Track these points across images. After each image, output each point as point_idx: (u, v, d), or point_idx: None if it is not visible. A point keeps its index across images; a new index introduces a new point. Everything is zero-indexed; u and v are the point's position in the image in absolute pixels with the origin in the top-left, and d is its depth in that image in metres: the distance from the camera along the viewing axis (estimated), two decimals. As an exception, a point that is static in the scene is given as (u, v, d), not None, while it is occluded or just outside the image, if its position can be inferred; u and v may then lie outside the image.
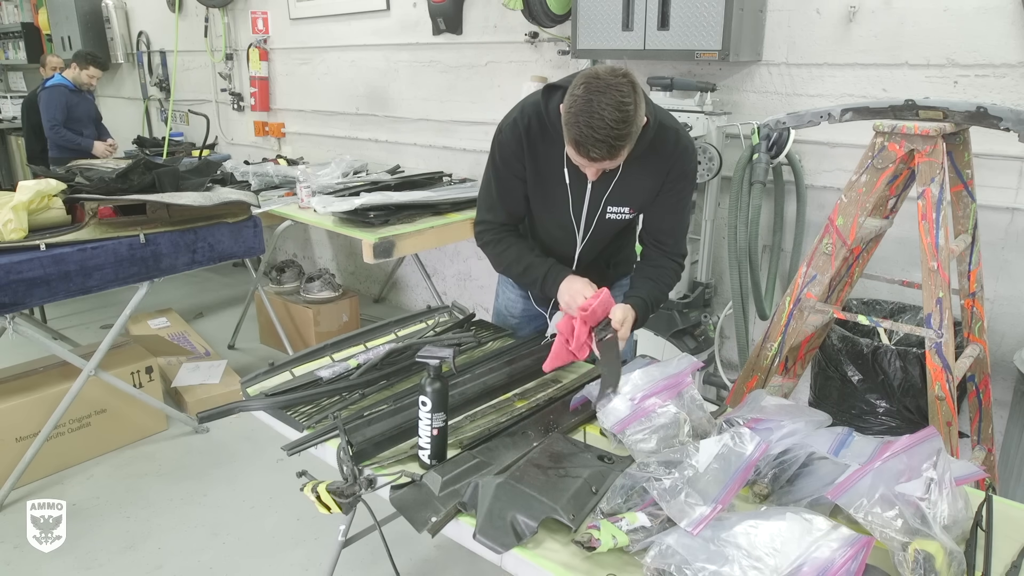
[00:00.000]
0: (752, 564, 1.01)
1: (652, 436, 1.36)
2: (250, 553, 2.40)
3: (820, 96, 2.67)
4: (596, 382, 1.56)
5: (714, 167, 2.66)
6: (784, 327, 2.09)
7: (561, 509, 1.19)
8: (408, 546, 2.39)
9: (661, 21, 2.66)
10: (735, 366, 3.01)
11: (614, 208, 1.73)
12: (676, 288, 2.88)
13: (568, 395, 1.65)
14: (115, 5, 5.85)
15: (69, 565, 2.34)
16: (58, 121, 4.74)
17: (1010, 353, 2.43)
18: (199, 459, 2.96)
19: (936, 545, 1.05)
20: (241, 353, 4.02)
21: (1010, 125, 1.77)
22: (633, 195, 1.71)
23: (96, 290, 2.63)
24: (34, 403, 2.75)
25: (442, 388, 1.37)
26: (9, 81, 7.82)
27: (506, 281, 2.12)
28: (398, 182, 3.52)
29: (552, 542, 1.20)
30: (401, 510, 1.29)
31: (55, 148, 4.84)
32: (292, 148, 4.96)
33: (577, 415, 1.59)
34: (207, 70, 5.38)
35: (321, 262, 5.20)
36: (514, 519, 1.19)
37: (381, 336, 2.01)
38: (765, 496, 1.28)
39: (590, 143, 1.43)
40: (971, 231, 2.08)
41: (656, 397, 1.40)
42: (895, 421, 2.16)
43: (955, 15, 2.34)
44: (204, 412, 1.58)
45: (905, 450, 1.17)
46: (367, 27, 4.17)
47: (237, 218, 2.95)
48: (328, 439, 1.48)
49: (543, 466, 1.33)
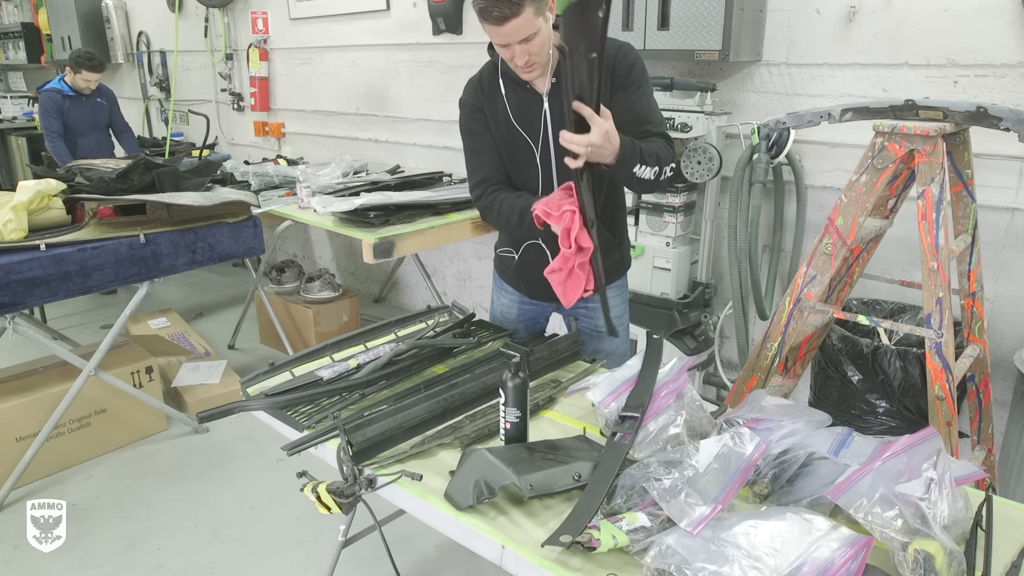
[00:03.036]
0: (752, 564, 1.01)
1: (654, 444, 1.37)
2: (250, 553, 2.40)
3: (820, 96, 2.67)
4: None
5: (714, 167, 2.66)
6: (784, 327, 2.09)
7: (520, 479, 1.24)
8: (408, 546, 2.39)
9: (661, 21, 2.66)
10: (735, 366, 3.01)
11: None
12: (676, 288, 2.91)
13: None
14: (115, 5, 5.85)
15: (69, 565, 2.34)
16: (51, 129, 4.48)
17: (1010, 353, 2.43)
18: (199, 459, 2.96)
19: (936, 545, 1.05)
20: (241, 353, 4.02)
21: (1010, 125, 1.77)
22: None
23: (96, 290, 2.63)
24: (34, 403, 2.75)
25: (518, 384, 1.40)
26: (9, 81, 7.82)
27: (500, 286, 2.12)
28: (398, 182, 3.52)
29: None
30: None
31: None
32: (292, 148, 4.96)
33: None
34: (207, 70, 5.38)
35: (321, 262, 5.20)
36: (478, 483, 1.26)
37: (381, 336, 2.01)
38: (765, 496, 1.28)
39: (489, 3, 1.50)
40: (971, 231, 2.08)
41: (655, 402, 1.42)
42: (895, 421, 2.16)
43: (955, 15, 2.34)
44: (204, 412, 1.58)
45: (905, 450, 1.17)
46: (367, 27, 4.17)
47: (237, 218, 2.95)
48: (328, 439, 1.48)
49: (536, 449, 1.38)
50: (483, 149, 1.86)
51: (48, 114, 4.48)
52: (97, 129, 4.74)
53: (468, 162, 1.90)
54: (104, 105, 4.76)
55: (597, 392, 1.50)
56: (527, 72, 1.67)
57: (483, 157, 1.86)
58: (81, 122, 4.62)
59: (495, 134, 1.82)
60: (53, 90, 4.51)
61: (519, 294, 2.07)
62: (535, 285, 1.97)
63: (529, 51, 1.61)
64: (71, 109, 4.56)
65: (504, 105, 1.78)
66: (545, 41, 1.62)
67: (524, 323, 2.10)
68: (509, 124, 1.79)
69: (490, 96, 1.80)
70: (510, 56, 1.63)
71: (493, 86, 1.80)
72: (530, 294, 2.04)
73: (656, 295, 2.95)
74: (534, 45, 1.59)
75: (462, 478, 1.30)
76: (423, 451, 1.47)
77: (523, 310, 2.08)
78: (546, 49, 1.65)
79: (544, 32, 1.60)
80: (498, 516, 1.27)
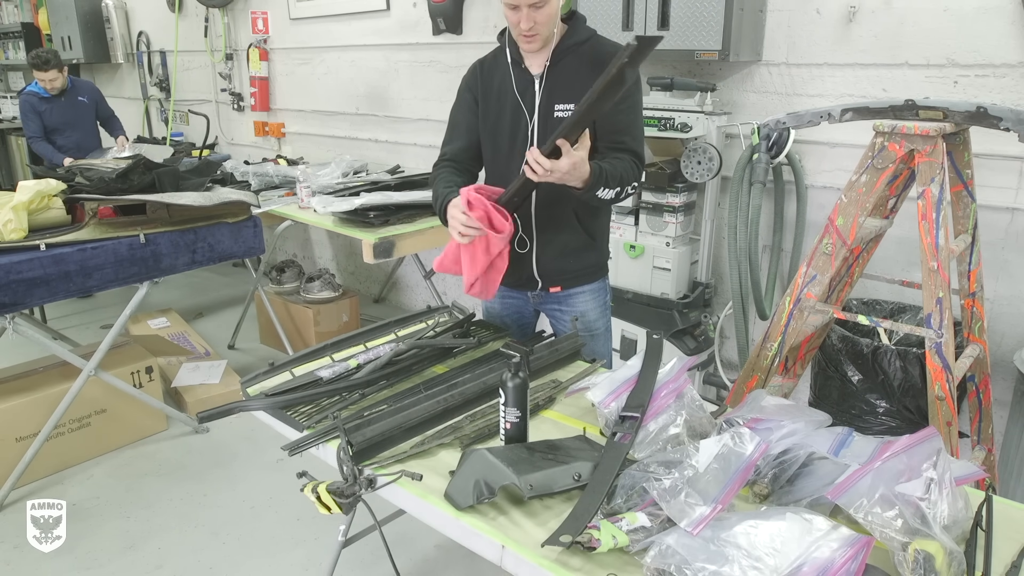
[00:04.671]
0: (752, 564, 1.01)
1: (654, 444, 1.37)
2: (250, 553, 2.40)
3: (820, 96, 2.67)
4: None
5: (714, 167, 2.66)
6: (784, 327, 2.09)
7: (520, 480, 1.24)
8: (408, 546, 2.39)
9: (661, 21, 2.66)
10: (735, 366, 3.01)
11: (561, 106, 1.80)
12: (676, 288, 2.91)
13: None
14: (115, 5, 5.85)
15: (69, 565, 2.34)
16: (31, 132, 4.48)
17: (1010, 353, 2.43)
18: (199, 459, 2.96)
19: (936, 545, 1.05)
20: (241, 353, 4.02)
21: (1010, 125, 1.77)
22: (576, 92, 1.74)
23: (96, 290, 2.63)
24: (34, 403, 2.75)
25: (518, 384, 1.41)
26: (9, 81, 7.82)
27: None
28: (398, 182, 3.52)
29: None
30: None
31: None
32: (292, 148, 4.96)
33: None
34: (207, 70, 5.38)
35: (321, 262, 5.20)
36: (478, 483, 1.26)
37: (381, 336, 2.00)
38: (765, 496, 1.28)
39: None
40: (971, 231, 2.08)
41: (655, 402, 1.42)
42: (895, 421, 2.16)
43: (955, 15, 2.34)
44: (204, 412, 1.58)
45: (905, 450, 1.17)
46: (367, 27, 4.17)
47: (237, 218, 2.95)
48: (328, 439, 1.48)
49: (536, 449, 1.38)
50: (457, 126, 1.95)
51: (26, 117, 4.51)
52: (80, 128, 4.70)
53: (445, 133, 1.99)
54: (87, 103, 4.72)
55: (597, 392, 1.50)
56: (527, 41, 1.74)
57: (454, 133, 1.96)
58: (62, 122, 4.59)
59: (486, 106, 1.89)
60: (29, 93, 4.51)
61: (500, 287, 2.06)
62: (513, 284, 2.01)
63: (535, 19, 1.68)
64: (51, 110, 4.54)
65: (507, 78, 1.85)
66: (552, 15, 1.71)
67: (511, 316, 2.10)
68: (504, 96, 1.85)
69: (489, 72, 1.89)
70: (516, 20, 1.70)
71: (495, 63, 1.89)
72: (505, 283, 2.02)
73: (656, 295, 2.95)
74: (541, 14, 1.68)
75: (462, 478, 1.30)
76: (423, 451, 1.46)
77: (505, 303, 2.08)
78: (551, 24, 1.73)
79: (553, 5, 1.69)
80: (498, 516, 1.27)
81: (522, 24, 1.70)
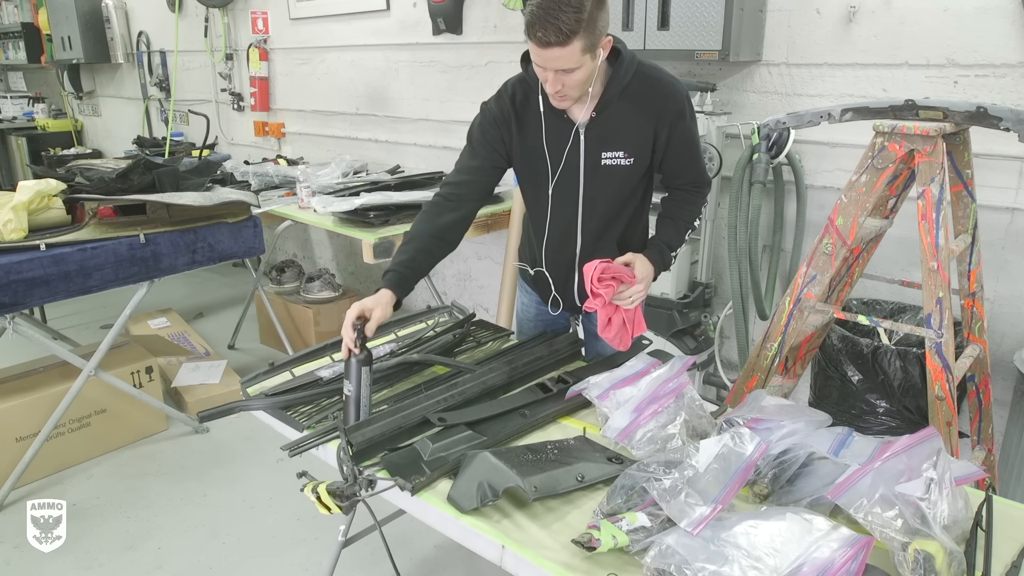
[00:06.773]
0: (752, 564, 1.01)
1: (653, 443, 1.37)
2: (250, 553, 2.40)
3: (820, 96, 2.67)
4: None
5: (714, 167, 2.66)
6: (784, 327, 2.09)
7: (524, 482, 1.23)
8: (408, 546, 2.39)
9: (661, 21, 2.65)
10: (735, 366, 3.01)
11: (608, 153, 1.69)
12: (676, 288, 2.91)
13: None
14: (115, 5, 5.84)
15: (69, 565, 2.34)
16: None
17: (1010, 353, 2.43)
18: (199, 459, 2.96)
19: (936, 545, 1.05)
20: (241, 353, 4.02)
21: (1010, 125, 1.76)
22: (625, 139, 1.68)
23: (96, 290, 2.63)
24: (34, 403, 2.75)
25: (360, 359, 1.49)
26: (9, 81, 7.82)
27: (521, 287, 2.09)
28: (398, 182, 3.52)
29: (552, 542, 1.20)
30: (390, 469, 1.36)
31: None
32: (292, 148, 4.96)
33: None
34: (207, 70, 5.38)
35: (321, 262, 5.20)
36: (481, 486, 1.25)
37: (381, 336, 2.00)
38: (765, 496, 1.28)
39: (538, 23, 1.44)
40: (971, 231, 2.08)
41: (655, 403, 1.41)
42: (895, 421, 2.16)
43: (955, 15, 2.34)
44: (204, 412, 1.58)
45: (905, 450, 1.17)
46: (367, 27, 4.17)
47: (237, 218, 2.95)
48: (328, 439, 1.48)
49: (538, 450, 1.38)
50: (470, 157, 1.78)
51: None
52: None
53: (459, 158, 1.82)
54: None
55: (597, 391, 1.50)
56: (556, 101, 1.60)
57: (461, 164, 1.79)
58: None
59: (515, 148, 1.74)
60: None
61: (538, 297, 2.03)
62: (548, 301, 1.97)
63: (564, 82, 1.52)
64: None
65: (539, 122, 1.69)
66: (584, 79, 1.54)
67: (542, 324, 2.05)
68: (537, 142, 1.71)
69: (522, 109, 1.71)
70: (543, 79, 1.55)
71: (527, 103, 1.71)
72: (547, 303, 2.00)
73: (656, 295, 2.94)
74: (571, 79, 1.52)
75: (465, 481, 1.28)
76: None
77: (541, 310, 2.03)
78: (584, 86, 1.57)
79: (587, 69, 1.52)
80: (498, 516, 1.27)
81: (548, 86, 1.55)
